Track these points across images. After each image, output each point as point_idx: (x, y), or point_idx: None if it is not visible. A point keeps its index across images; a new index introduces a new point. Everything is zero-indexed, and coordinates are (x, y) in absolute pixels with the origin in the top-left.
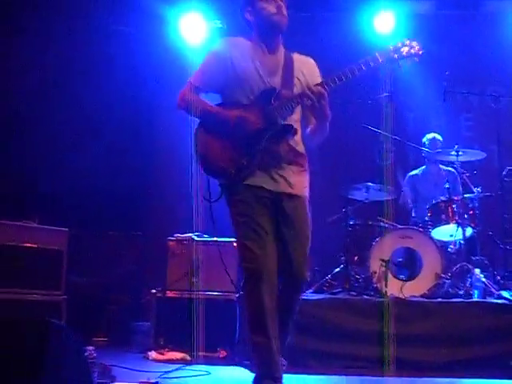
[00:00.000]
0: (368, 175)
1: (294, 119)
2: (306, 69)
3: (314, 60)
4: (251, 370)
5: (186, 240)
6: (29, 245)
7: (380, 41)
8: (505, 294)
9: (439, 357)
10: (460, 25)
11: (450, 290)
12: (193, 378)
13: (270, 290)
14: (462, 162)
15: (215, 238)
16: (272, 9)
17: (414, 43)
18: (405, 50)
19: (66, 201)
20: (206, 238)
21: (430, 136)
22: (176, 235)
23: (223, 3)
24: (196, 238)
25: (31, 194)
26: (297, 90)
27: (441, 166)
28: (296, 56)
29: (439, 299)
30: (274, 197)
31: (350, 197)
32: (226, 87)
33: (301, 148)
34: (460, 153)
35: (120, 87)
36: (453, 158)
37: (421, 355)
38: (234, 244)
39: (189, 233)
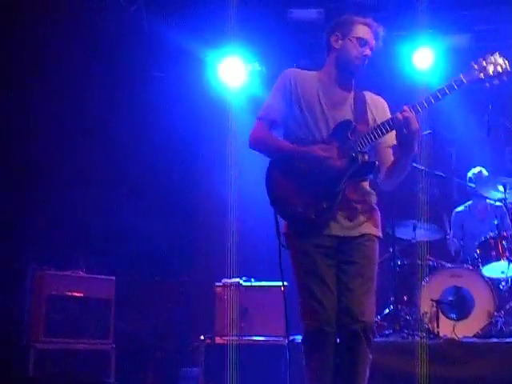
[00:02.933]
0: (414, 214)
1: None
2: (379, 107)
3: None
4: None
5: (233, 285)
6: (77, 294)
7: (419, 76)
8: None
9: None
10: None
11: (503, 328)
12: None
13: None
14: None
15: (262, 283)
16: (358, 53)
17: (500, 60)
18: (490, 68)
19: (114, 248)
20: (253, 282)
21: (475, 170)
22: (223, 280)
23: (262, 46)
24: (243, 283)
25: (80, 243)
26: (372, 125)
27: (488, 200)
28: (367, 93)
29: (493, 339)
30: (335, 241)
31: (397, 236)
32: (292, 121)
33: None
34: (508, 190)
35: (161, 134)
36: (500, 195)
37: None
38: (282, 288)
39: (236, 277)
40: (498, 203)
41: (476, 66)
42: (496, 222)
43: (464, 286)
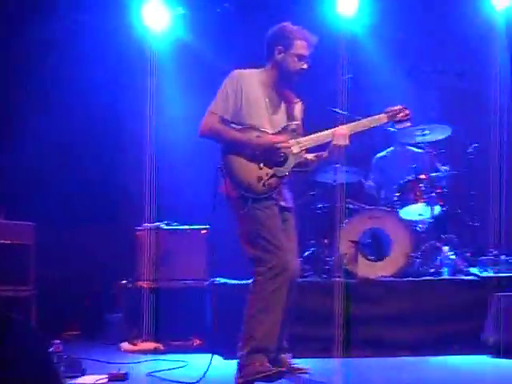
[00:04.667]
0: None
1: None
2: (297, 109)
3: None
4: (227, 358)
5: (153, 229)
6: None
7: (343, 24)
8: (473, 270)
9: (409, 336)
10: (423, 4)
11: (420, 268)
12: (171, 368)
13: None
14: (429, 142)
15: (183, 227)
16: (297, 68)
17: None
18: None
19: (33, 194)
20: (173, 226)
21: None
22: (144, 224)
23: None
24: (164, 227)
25: None
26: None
27: (408, 147)
28: (289, 93)
29: (409, 278)
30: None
31: (317, 179)
32: (241, 119)
33: None
34: (426, 132)
35: (82, 78)
36: (419, 139)
37: (391, 335)
38: (203, 231)
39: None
40: (417, 149)
41: None
42: (414, 166)
43: (382, 227)
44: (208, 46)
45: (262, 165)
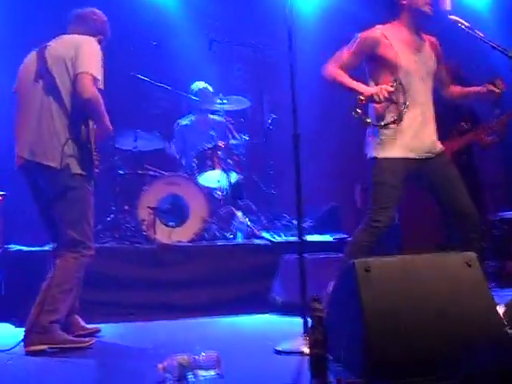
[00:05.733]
0: (137, 124)
1: None
2: None
3: None
4: (19, 326)
5: None
6: None
7: None
8: (266, 235)
9: (204, 298)
10: None
11: (216, 233)
12: None
13: None
14: (230, 111)
15: None
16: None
17: None
18: None
19: None
20: None
21: (200, 85)
22: None
23: None
24: None
25: None
26: None
27: (210, 115)
28: None
29: (205, 243)
30: None
31: (118, 146)
32: None
33: None
34: (225, 101)
35: None
36: (219, 107)
37: (187, 298)
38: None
39: None
40: (217, 117)
41: None
42: (213, 134)
43: (180, 193)
44: None
45: None
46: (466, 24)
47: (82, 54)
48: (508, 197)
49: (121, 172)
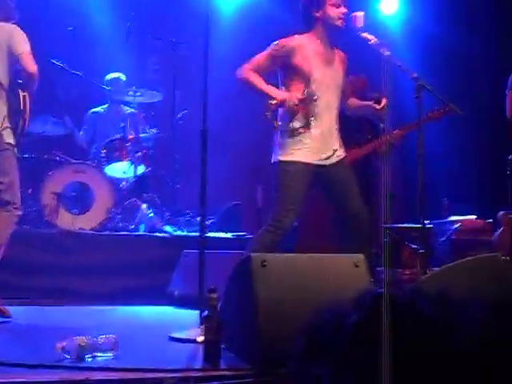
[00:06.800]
0: (47, 109)
1: None
2: None
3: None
4: None
5: None
6: None
7: None
8: (168, 228)
9: (104, 287)
10: None
11: (120, 224)
12: None
13: None
14: (142, 103)
15: None
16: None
17: None
18: None
19: None
20: None
21: (114, 75)
22: None
23: None
24: None
25: None
26: None
27: (123, 106)
28: None
29: (108, 232)
30: None
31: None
32: None
33: None
34: (138, 93)
35: None
36: (131, 99)
37: (87, 285)
38: None
39: None
40: (130, 109)
41: None
42: (123, 125)
43: (86, 181)
44: None
45: None
46: (375, 41)
47: (18, 38)
48: (403, 207)
49: (25, 156)
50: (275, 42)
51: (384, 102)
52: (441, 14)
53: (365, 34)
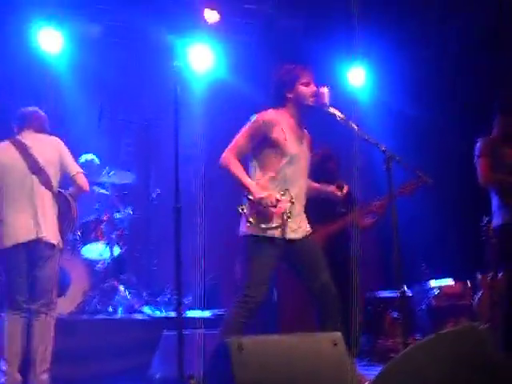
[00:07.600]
0: None
1: None
2: None
3: None
4: None
5: None
6: None
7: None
8: (146, 309)
9: (82, 372)
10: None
11: (97, 306)
12: None
13: None
14: (116, 184)
15: None
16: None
17: None
18: None
19: None
20: None
21: (88, 157)
22: None
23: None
24: None
25: None
26: None
27: (96, 187)
28: None
29: (86, 316)
30: None
31: None
32: None
33: None
34: (111, 174)
35: None
36: (104, 179)
37: (66, 371)
38: None
39: None
40: (102, 190)
41: None
42: (97, 207)
43: (62, 265)
44: None
45: None
46: (342, 116)
47: (69, 157)
48: (383, 276)
49: None
50: (253, 119)
51: (346, 189)
52: (407, 86)
53: (332, 110)
